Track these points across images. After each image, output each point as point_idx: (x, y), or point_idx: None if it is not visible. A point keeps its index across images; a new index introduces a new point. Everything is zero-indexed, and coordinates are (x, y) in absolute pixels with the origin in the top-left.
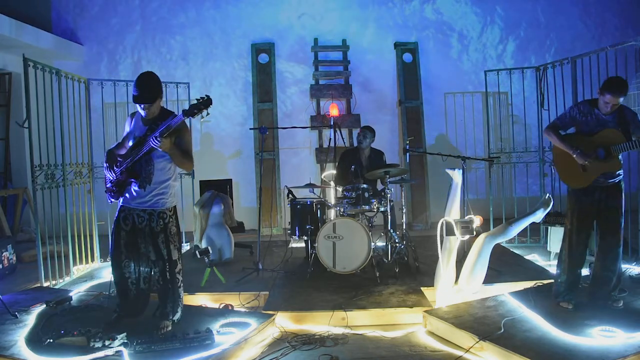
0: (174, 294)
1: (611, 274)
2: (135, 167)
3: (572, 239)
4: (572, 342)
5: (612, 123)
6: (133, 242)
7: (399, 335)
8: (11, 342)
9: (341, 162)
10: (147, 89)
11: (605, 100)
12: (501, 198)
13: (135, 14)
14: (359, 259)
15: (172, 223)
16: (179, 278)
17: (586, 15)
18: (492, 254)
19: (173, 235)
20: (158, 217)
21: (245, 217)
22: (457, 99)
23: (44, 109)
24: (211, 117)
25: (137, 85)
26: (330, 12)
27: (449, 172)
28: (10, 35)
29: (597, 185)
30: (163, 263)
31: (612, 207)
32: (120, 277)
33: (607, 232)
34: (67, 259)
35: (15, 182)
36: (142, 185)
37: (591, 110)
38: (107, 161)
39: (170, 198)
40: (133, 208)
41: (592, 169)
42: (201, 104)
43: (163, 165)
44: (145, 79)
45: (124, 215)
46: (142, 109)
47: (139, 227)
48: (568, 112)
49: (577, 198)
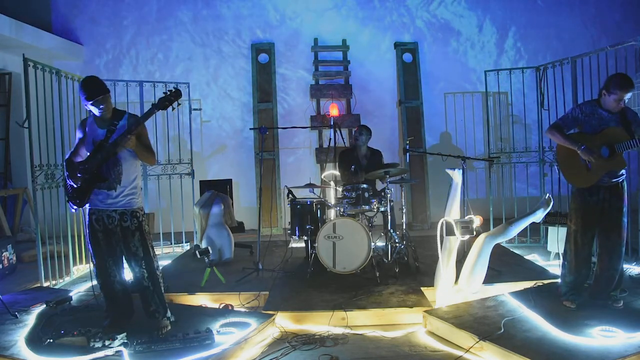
0: (156, 290)
1: (615, 272)
2: (102, 170)
3: (577, 239)
4: (572, 342)
5: (615, 122)
6: (109, 242)
7: (399, 335)
8: (11, 342)
9: (341, 162)
10: (94, 85)
11: (615, 99)
12: (501, 198)
13: (135, 14)
14: (359, 259)
15: (145, 221)
16: (158, 274)
17: (586, 15)
18: (492, 254)
19: (147, 233)
20: (132, 216)
21: (245, 217)
22: (457, 99)
23: (44, 109)
24: (211, 117)
25: (84, 86)
26: (330, 12)
27: (449, 172)
28: (10, 35)
29: (602, 184)
30: (139, 260)
31: (616, 206)
32: (106, 280)
33: (611, 231)
34: (67, 259)
35: (15, 182)
36: (112, 186)
37: (594, 110)
38: (67, 170)
39: (140, 197)
40: (103, 209)
41: (596, 167)
42: (171, 95)
43: (130, 164)
44: (88, 80)
45: (95, 218)
46: (98, 109)
47: (110, 228)
48: (570, 112)
49: (582, 198)
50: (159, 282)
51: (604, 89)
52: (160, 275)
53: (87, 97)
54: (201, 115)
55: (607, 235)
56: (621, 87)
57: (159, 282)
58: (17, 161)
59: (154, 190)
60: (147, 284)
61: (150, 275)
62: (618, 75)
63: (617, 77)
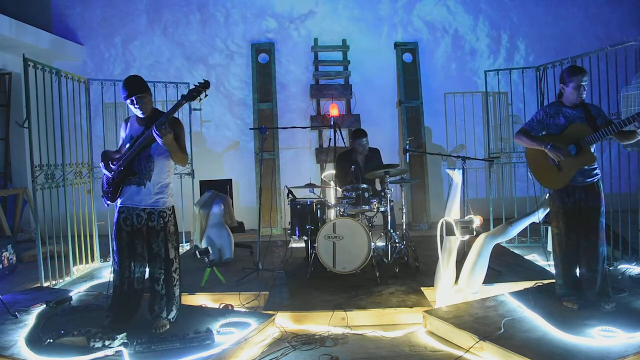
0: (169, 292)
1: (594, 273)
2: (134, 165)
3: (562, 241)
4: (572, 342)
5: (580, 119)
6: (131, 242)
7: (399, 335)
8: (11, 342)
9: (338, 164)
10: (135, 83)
11: (574, 86)
12: (501, 198)
13: (134, 14)
14: (359, 259)
15: (171, 222)
16: (174, 277)
17: (586, 15)
18: (492, 254)
19: (171, 234)
20: (159, 215)
21: (245, 217)
22: (457, 99)
23: (44, 109)
24: (211, 117)
25: (125, 85)
26: (330, 12)
27: (449, 172)
28: (10, 35)
29: (577, 184)
30: (160, 261)
31: (592, 206)
32: (121, 280)
33: (589, 232)
34: (67, 259)
35: (15, 182)
36: (141, 182)
37: (558, 109)
38: (102, 160)
39: (169, 197)
40: (133, 207)
41: (566, 166)
42: (200, 86)
43: (162, 162)
44: (130, 78)
45: (124, 216)
46: (137, 108)
47: (137, 227)
48: (535, 116)
49: (560, 200)
50: (173, 285)
51: (561, 84)
52: (178, 278)
53: (127, 94)
54: (201, 115)
55: (585, 236)
56: (574, 73)
57: (174, 285)
58: (17, 161)
59: None
60: (160, 287)
61: (166, 279)
62: (569, 66)
63: (568, 67)
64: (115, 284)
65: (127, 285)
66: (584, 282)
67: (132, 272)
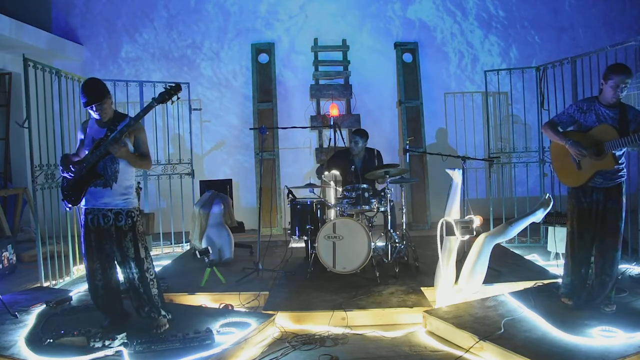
0: (146, 292)
1: (607, 277)
2: (98, 167)
3: (574, 241)
4: (572, 342)
5: (613, 120)
6: (99, 244)
7: (399, 335)
8: (11, 342)
9: (331, 160)
10: (94, 90)
11: (612, 85)
12: (501, 198)
13: (134, 14)
14: (359, 259)
15: (139, 222)
16: (148, 276)
17: (586, 15)
18: (492, 254)
19: (141, 233)
20: (127, 215)
21: (245, 217)
22: (457, 99)
23: (43, 109)
24: (211, 117)
25: (83, 91)
26: (330, 12)
27: (449, 172)
28: (10, 35)
29: (595, 186)
30: (130, 262)
31: (611, 209)
32: (94, 284)
33: (605, 234)
34: (67, 259)
35: (15, 182)
36: (107, 183)
37: (591, 106)
38: (62, 164)
39: (135, 198)
40: (99, 208)
41: (586, 166)
42: (171, 89)
43: (127, 164)
44: (89, 83)
45: (91, 217)
46: (95, 113)
47: (104, 228)
48: (567, 110)
49: (576, 199)
50: (149, 284)
51: (602, 80)
52: (154, 277)
53: (86, 102)
54: (201, 115)
55: (601, 239)
56: (617, 71)
57: (149, 284)
58: (17, 161)
59: (154, 190)
60: (137, 286)
61: (140, 277)
62: (615, 63)
63: (614, 64)
64: (90, 291)
65: (102, 289)
66: (595, 286)
67: (104, 275)
